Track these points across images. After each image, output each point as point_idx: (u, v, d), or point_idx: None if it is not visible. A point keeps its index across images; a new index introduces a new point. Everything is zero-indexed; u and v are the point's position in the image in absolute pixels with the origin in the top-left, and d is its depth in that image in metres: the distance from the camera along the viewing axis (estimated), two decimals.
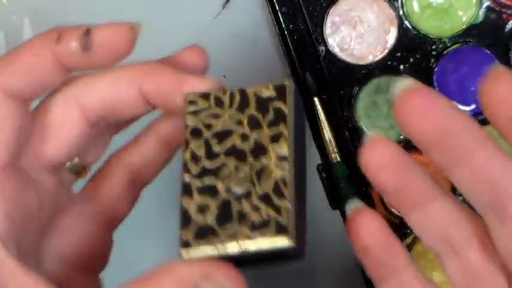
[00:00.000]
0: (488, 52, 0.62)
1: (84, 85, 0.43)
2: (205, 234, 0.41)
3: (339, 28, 0.63)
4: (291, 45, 0.63)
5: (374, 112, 0.63)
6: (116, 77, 0.43)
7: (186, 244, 0.41)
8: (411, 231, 0.63)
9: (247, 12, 0.64)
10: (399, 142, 0.63)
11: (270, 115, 0.43)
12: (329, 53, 0.63)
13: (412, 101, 0.36)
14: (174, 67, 0.43)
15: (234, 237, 0.41)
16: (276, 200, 0.41)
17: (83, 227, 0.47)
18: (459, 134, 0.37)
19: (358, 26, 0.63)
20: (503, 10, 0.62)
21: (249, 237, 0.40)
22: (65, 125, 0.44)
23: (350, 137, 0.64)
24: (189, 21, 0.64)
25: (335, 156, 0.63)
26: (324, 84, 0.63)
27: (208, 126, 0.43)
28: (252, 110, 0.43)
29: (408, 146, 0.60)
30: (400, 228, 0.64)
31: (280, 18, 0.63)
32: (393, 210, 0.63)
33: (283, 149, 0.42)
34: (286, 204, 0.41)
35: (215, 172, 0.42)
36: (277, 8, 0.63)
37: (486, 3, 0.62)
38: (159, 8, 0.64)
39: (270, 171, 0.42)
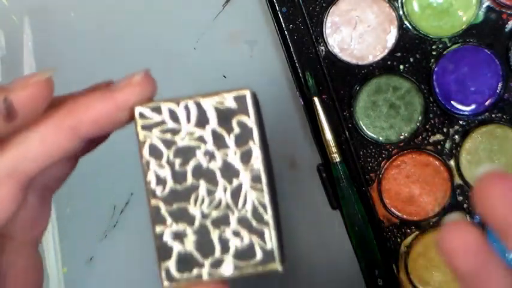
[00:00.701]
0: (488, 52, 0.62)
1: (16, 157, 0.39)
2: (187, 265, 0.40)
3: (339, 28, 0.63)
4: (291, 45, 0.63)
5: (374, 112, 0.63)
6: (46, 138, 0.39)
7: (170, 278, 0.40)
8: (411, 230, 0.63)
9: (247, 12, 0.64)
10: (399, 142, 0.63)
11: (235, 131, 0.41)
12: (329, 53, 0.63)
13: (494, 184, 0.37)
14: (97, 89, 0.41)
15: (219, 266, 0.40)
16: (256, 225, 0.40)
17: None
18: None
19: (358, 26, 0.63)
20: (503, 10, 0.62)
21: (235, 268, 0.40)
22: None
23: (350, 137, 0.64)
24: (189, 21, 0.64)
25: (335, 156, 0.63)
26: (324, 84, 0.63)
27: (167, 144, 0.41)
28: (213, 125, 0.41)
29: (408, 145, 0.60)
30: (400, 227, 0.64)
31: (280, 18, 0.63)
32: (393, 209, 0.63)
33: (256, 169, 0.41)
34: (269, 229, 0.40)
35: (185, 195, 0.41)
36: (277, 8, 0.63)
37: (486, 3, 0.62)
38: (159, 7, 0.64)
39: (245, 194, 0.41)
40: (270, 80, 0.64)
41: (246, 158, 0.41)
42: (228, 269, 0.40)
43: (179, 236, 0.40)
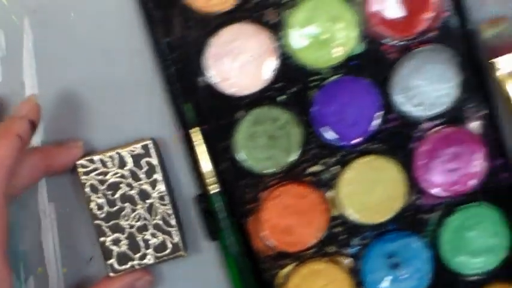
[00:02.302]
0: (368, 83, 0.62)
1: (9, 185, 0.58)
2: (124, 260, 0.62)
3: (219, 58, 0.62)
4: (171, 75, 0.62)
5: (253, 143, 0.63)
6: (32, 169, 0.62)
7: (114, 270, 0.63)
8: (289, 262, 0.63)
9: (128, 41, 0.63)
10: (278, 173, 0.63)
11: (144, 168, 0.62)
12: (209, 84, 0.62)
13: None
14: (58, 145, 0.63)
15: (144, 258, 0.62)
16: (166, 228, 0.62)
17: None
18: None
19: (238, 57, 0.62)
20: (383, 41, 0.62)
21: (155, 258, 0.62)
22: None
23: (229, 168, 0.63)
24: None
25: (213, 188, 0.62)
26: (204, 114, 0.62)
27: (101, 182, 0.61)
28: (130, 166, 0.62)
29: (287, 176, 0.60)
30: (277, 259, 0.64)
31: (162, 48, 0.62)
32: (271, 241, 0.63)
33: (162, 191, 0.62)
34: (174, 230, 0.62)
35: (117, 215, 0.62)
36: (159, 37, 0.62)
37: (365, 34, 0.62)
38: None
39: (156, 208, 0.62)
40: (150, 109, 0.63)
41: (153, 185, 0.62)
42: (150, 259, 0.62)
43: (116, 242, 0.62)
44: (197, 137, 0.62)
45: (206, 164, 0.62)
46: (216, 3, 0.61)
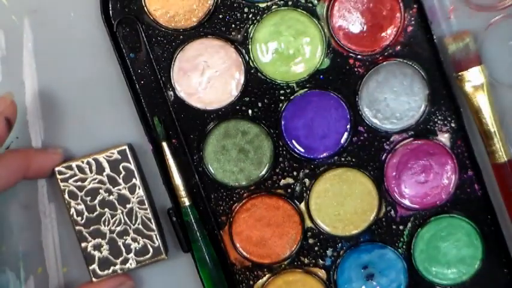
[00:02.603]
0: (336, 96, 0.62)
1: None
2: (106, 265, 0.63)
3: (186, 73, 0.62)
4: (139, 91, 0.63)
5: (223, 156, 0.63)
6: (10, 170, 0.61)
7: (96, 276, 0.63)
8: (263, 273, 0.64)
9: (94, 57, 0.63)
10: (249, 186, 0.64)
11: (122, 173, 0.62)
12: (177, 98, 0.63)
13: None
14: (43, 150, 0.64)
15: (126, 262, 0.63)
16: (146, 232, 0.63)
17: None
18: None
19: (205, 72, 0.62)
20: (350, 55, 0.62)
21: (137, 262, 0.62)
22: None
23: (200, 181, 0.64)
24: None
25: (184, 200, 0.63)
26: (173, 128, 0.63)
27: (79, 188, 0.62)
28: (108, 171, 0.62)
29: (259, 189, 0.61)
30: (252, 270, 0.65)
31: (128, 63, 0.62)
32: (244, 252, 0.64)
33: (140, 196, 0.62)
34: (155, 234, 0.62)
35: (97, 220, 0.62)
36: (124, 53, 0.62)
37: (332, 49, 0.62)
38: None
39: (136, 212, 0.62)
40: (120, 124, 0.64)
41: (132, 189, 0.62)
42: (132, 263, 0.63)
43: (97, 247, 0.62)
44: (166, 151, 0.62)
45: (177, 178, 0.63)
46: (180, 19, 0.61)
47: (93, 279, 0.63)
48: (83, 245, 0.62)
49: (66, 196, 0.62)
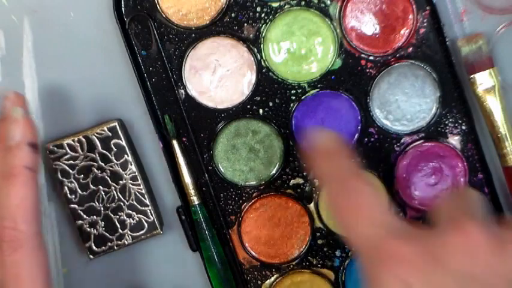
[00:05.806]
0: (347, 97, 0.62)
1: None
2: (102, 242, 0.63)
3: (197, 72, 0.62)
4: (150, 88, 0.63)
5: (233, 155, 0.63)
6: None
7: (93, 253, 0.64)
8: (272, 273, 0.64)
9: (106, 54, 0.63)
10: (259, 185, 0.64)
11: (114, 150, 0.62)
12: (188, 97, 0.63)
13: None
14: None
15: (122, 238, 0.63)
16: (140, 208, 0.63)
17: None
18: None
19: (217, 70, 0.62)
20: (362, 56, 0.62)
21: (132, 238, 0.63)
22: None
23: (210, 180, 0.64)
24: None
25: (194, 199, 0.63)
26: (183, 127, 0.63)
27: (71, 167, 0.62)
28: (99, 148, 0.62)
29: (266, 190, 0.61)
30: (260, 270, 0.65)
31: (140, 60, 0.62)
32: (253, 252, 0.64)
33: (133, 172, 0.63)
34: (149, 209, 0.63)
35: (91, 198, 0.62)
36: (136, 50, 0.62)
37: (344, 49, 0.62)
38: None
39: (129, 188, 0.63)
40: (131, 121, 0.64)
41: (124, 166, 0.63)
42: (128, 239, 0.63)
43: (93, 225, 0.63)
44: (176, 149, 0.63)
45: (186, 176, 0.63)
46: (193, 17, 0.61)
47: (90, 256, 0.64)
48: (79, 222, 0.63)
49: (59, 175, 0.62)
